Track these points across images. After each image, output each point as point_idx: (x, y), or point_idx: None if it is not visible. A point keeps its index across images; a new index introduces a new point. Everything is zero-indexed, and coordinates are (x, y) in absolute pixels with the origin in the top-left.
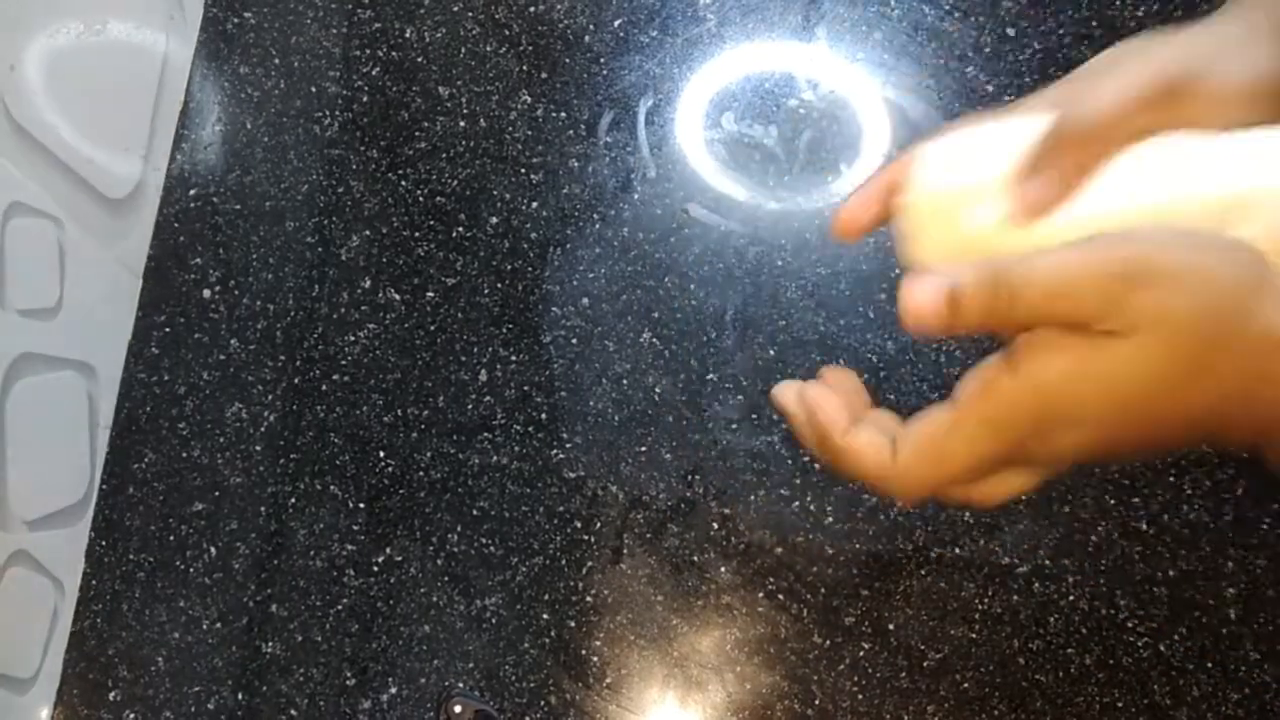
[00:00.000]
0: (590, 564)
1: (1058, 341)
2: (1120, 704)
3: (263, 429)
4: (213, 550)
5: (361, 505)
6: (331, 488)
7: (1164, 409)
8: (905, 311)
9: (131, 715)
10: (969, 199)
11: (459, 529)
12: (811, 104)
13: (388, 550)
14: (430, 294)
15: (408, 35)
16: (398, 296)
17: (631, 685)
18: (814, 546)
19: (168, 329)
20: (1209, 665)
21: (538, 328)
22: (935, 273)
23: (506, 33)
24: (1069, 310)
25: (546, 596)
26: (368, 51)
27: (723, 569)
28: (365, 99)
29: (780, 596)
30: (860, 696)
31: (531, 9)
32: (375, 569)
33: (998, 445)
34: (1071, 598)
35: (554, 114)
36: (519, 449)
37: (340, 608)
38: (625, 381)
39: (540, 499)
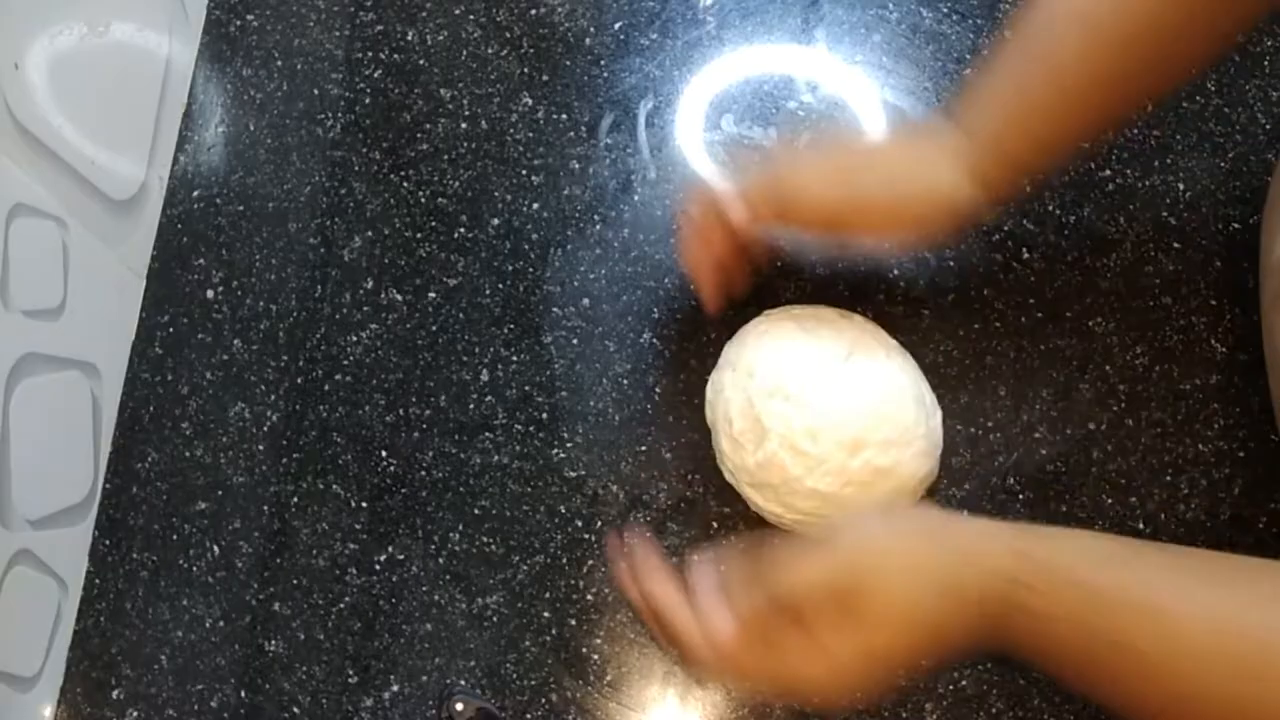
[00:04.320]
0: (591, 563)
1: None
2: None
3: (265, 428)
4: (216, 549)
5: (364, 504)
6: (334, 487)
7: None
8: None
9: (134, 713)
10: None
11: (460, 528)
12: (811, 106)
13: (390, 549)
14: (432, 294)
15: (410, 38)
16: (400, 297)
17: (632, 683)
18: None
19: (171, 329)
20: None
21: (539, 328)
22: (715, 574)
23: (507, 35)
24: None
25: (547, 595)
26: (370, 54)
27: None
28: (367, 101)
29: None
30: (860, 696)
31: (532, 12)
32: (377, 568)
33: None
34: None
35: (555, 116)
36: (520, 448)
37: (342, 606)
38: (625, 381)
39: (541, 498)
